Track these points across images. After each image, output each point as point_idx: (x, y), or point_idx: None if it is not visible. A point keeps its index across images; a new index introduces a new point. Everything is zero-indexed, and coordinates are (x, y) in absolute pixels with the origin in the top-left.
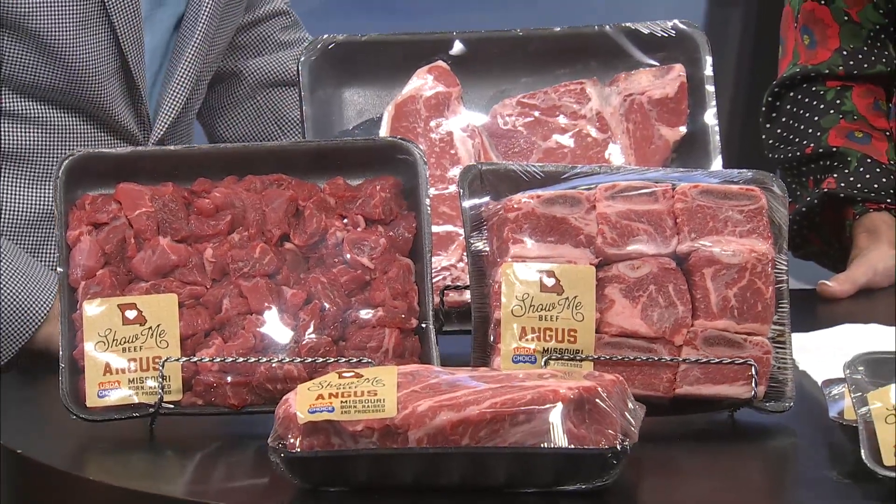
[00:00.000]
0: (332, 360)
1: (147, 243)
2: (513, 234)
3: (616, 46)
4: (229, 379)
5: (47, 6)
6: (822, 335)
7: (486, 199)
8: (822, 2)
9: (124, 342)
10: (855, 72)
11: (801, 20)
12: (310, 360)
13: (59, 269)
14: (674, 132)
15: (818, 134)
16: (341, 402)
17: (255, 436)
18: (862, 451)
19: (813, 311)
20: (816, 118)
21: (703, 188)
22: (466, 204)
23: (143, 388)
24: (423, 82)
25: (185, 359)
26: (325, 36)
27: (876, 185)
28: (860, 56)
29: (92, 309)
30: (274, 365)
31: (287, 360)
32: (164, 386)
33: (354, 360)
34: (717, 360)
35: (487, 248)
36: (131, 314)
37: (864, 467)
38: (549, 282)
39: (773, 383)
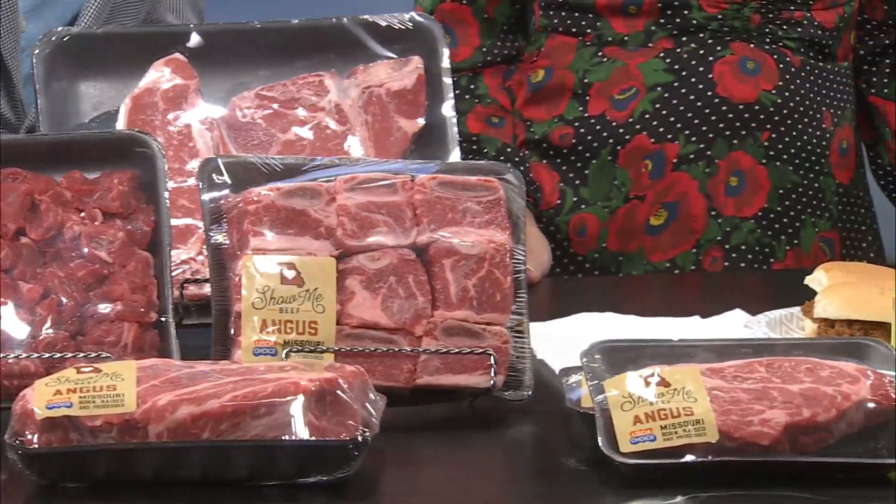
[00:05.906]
0: (70, 355)
1: None
2: (253, 226)
3: (354, 39)
4: None
5: None
6: (559, 324)
7: (226, 191)
8: (464, 2)
9: None
10: (491, 63)
11: (438, 20)
12: (47, 355)
13: None
14: (412, 124)
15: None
16: (80, 397)
17: None
18: (599, 438)
19: (550, 300)
20: None
21: (442, 180)
22: (206, 197)
23: None
24: (160, 75)
25: None
26: (60, 28)
27: None
28: (495, 50)
29: None
30: (10, 361)
31: (24, 355)
32: None
33: (93, 354)
34: (456, 350)
35: (227, 241)
36: None
37: (602, 454)
38: (290, 274)
39: (511, 372)
